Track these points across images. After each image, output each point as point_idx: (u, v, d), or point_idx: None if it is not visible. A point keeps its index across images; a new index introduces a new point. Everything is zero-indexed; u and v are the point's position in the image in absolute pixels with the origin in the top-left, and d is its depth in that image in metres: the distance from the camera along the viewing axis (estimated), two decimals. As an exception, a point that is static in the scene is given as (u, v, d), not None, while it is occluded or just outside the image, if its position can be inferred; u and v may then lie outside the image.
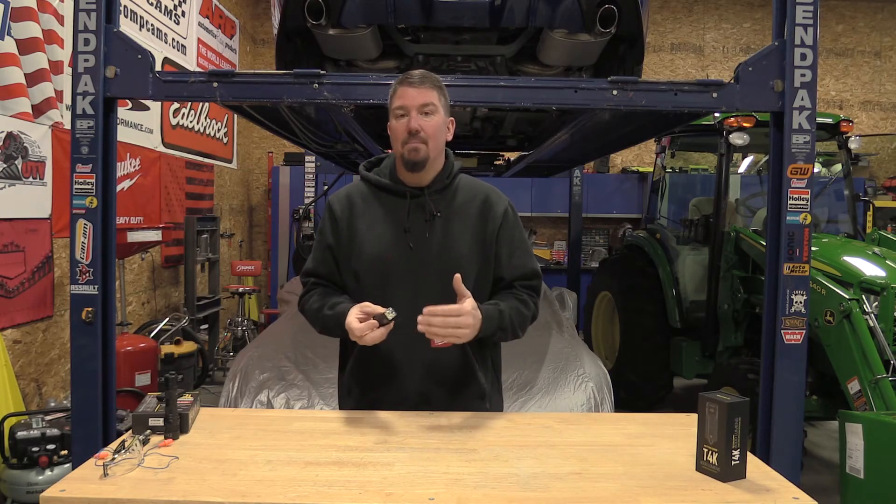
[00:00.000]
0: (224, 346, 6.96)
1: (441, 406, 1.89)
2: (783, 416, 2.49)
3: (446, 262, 1.89)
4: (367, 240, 1.92)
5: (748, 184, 6.02)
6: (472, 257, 1.93)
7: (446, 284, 1.84)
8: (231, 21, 8.17)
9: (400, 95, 1.89)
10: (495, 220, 1.96)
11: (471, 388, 1.96)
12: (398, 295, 1.84)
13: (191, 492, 1.34)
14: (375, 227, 1.93)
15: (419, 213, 1.93)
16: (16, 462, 3.33)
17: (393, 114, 1.91)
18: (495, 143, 5.25)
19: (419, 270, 1.89)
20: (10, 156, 3.99)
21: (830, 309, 3.61)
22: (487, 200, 1.98)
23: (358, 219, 1.95)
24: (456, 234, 1.93)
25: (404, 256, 1.90)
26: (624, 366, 5.53)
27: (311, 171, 7.36)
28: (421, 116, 1.87)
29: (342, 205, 1.98)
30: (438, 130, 1.91)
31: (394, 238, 1.91)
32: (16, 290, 4.08)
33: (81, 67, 2.42)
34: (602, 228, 9.12)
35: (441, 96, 1.92)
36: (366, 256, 1.92)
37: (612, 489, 1.39)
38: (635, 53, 2.99)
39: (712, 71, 9.31)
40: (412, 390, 1.91)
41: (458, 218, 1.94)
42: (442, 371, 1.91)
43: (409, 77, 1.89)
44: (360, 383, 1.97)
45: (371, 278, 1.92)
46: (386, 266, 1.90)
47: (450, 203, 1.96)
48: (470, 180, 2.04)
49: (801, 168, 2.48)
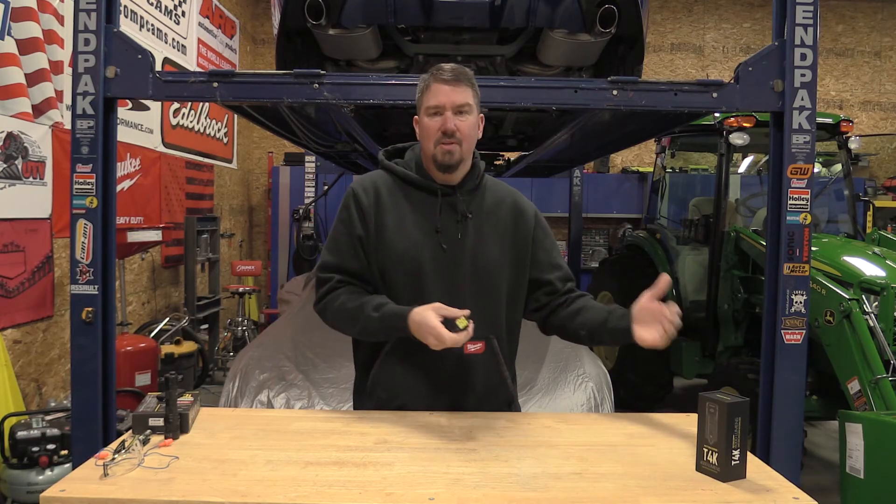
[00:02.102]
0: (224, 346, 6.96)
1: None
2: (783, 416, 2.49)
3: (479, 265, 1.84)
4: (397, 236, 1.83)
5: (748, 184, 6.02)
6: (505, 261, 1.88)
7: (479, 288, 1.82)
8: (231, 21, 8.17)
9: (434, 93, 1.80)
10: (528, 225, 1.92)
11: (500, 394, 1.91)
12: (431, 297, 1.75)
13: (191, 492, 1.34)
14: (405, 224, 1.84)
15: (450, 212, 1.85)
16: (16, 462, 3.33)
17: (425, 111, 1.82)
18: (495, 143, 5.24)
19: (452, 273, 1.82)
20: (11, 156, 3.99)
21: (830, 309, 3.61)
22: (518, 205, 1.94)
23: (385, 212, 1.85)
24: (487, 237, 1.87)
25: (436, 257, 1.82)
26: (624, 366, 5.53)
27: (311, 171, 7.36)
28: (456, 117, 1.79)
29: (369, 195, 1.86)
30: (473, 131, 1.84)
31: (425, 237, 1.83)
32: (16, 290, 4.08)
33: (81, 67, 2.41)
34: (602, 228, 9.12)
35: (475, 94, 1.84)
36: (396, 254, 1.82)
37: (612, 489, 1.39)
38: (635, 53, 2.99)
39: (712, 71, 9.31)
40: (442, 397, 1.85)
41: (489, 220, 1.89)
42: (473, 377, 1.85)
43: (443, 73, 1.80)
44: (386, 389, 1.88)
45: (400, 278, 1.82)
46: (417, 266, 1.81)
47: (480, 204, 1.89)
48: (496, 182, 1.99)
49: (801, 168, 2.48)
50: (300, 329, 3.68)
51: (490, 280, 1.86)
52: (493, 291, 1.87)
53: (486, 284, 1.86)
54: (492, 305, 1.86)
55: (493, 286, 1.87)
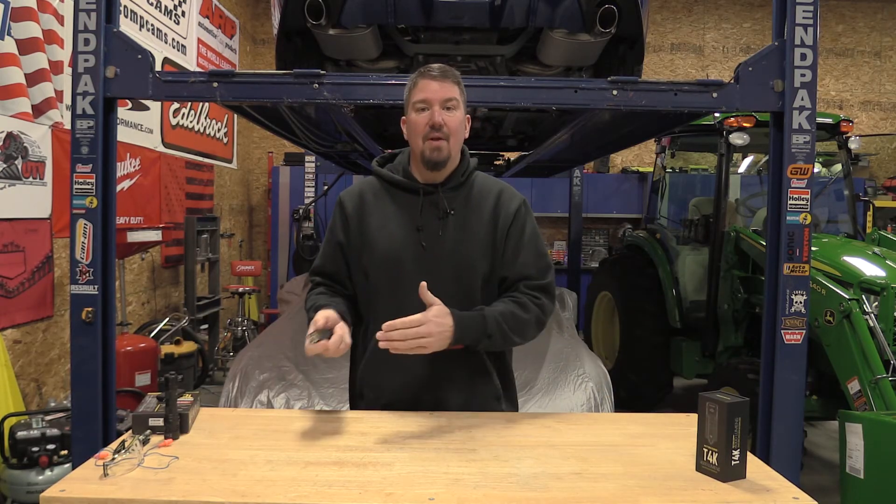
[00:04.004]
0: (224, 346, 6.96)
1: (456, 409, 1.85)
2: (783, 416, 2.49)
3: (458, 261, 1.85)
4: (379, 238, 1.87)
5: (748, 184, 6.02)
6: (483, 257, 1.88)
7: (459, 285, 1.82)
8: (231, 21, 8.17)
9: (421, 88, 1.83)
10: (507, 217, 1.91)
11: (485, 390, 1.92)
12: (410, 295, 1.76)
13: (191, 492, 1.34)
14: (387, 225, 1.88)
15: (432, 210, 1.88)
16: (16, 462, 3.33)
17: (413, 107, 1.84)
18: (495, 143, 5.24)
19: (432, 270, 1.82)
20: (10, 156, 3.99)
21: (830, 309, 3.61)
22: (501, 198, 1.93)
23: (369, 216, 1.90)
24: (469, 233, 1.88)
25: (416, 255, 1.85)
26: (624, 366, 5.53)
27: (311, 171, 7.36)
28: (443, 111, 1.81)
29: (353, 202, 1.93)
30: (459, 126, 1.86)
31: (406, 236, 1.86)
32: (16, 290, 4.08)
33: (81, 67, 2.42)
34: (602, 228, 9.12)
35: (461, 92, 1.87)
36: (377, 255, 1.87)
37: (612, 489, 1.39)
38: (635, 53, 2.99)
39: (712, 71, 9.31)
40: (426, 395, 1.86)
41: (473, 216, 1.89)
42: (454, 374, 1.86)
43: (430, 70, 1.83)
44: (373, 388, 1.92)
45: (382, 277, 1.87)
46: (398, 265, 1.85)
47: (464, 201, 1.90)
48: (485, 178, 1.98)
49: (801, 168, 2.48)
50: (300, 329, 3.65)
51: (470, 275, 1.88)
52: (472, 286, 1.88)
53: (466, 280, 1.87)
54: (473, 300, 1.86)
55: (472, 281, 1.88)
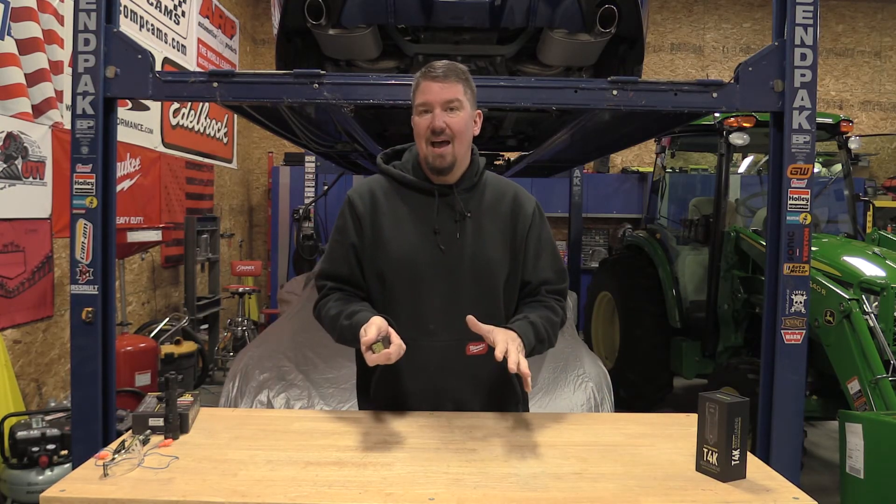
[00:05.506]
0: (224, 346, 6.96)
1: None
2: (783, 416, 2.49)
3: (478, 265, 1.82)
4: (394, 240, 1.81)
5: (748, 184, 6.02)
6: (503, 260, 1.85)
7: (479, 287, 1.80)
8: (231, 21, 8.17)
9: (423, 91, 1.77)
10: (525, 220, 1.88)
11: (507, 394, 1.90)
12: (430, 299, 1.74)
13: (191, 492, 1.34)
14: (402, 227, 1.82)
15: (448, 212, 1.83)
16: (16, 462, 3.33)
17: (415, 110, 1.80)
18: (495, 143, 5.24)
19: (451, 274, 1.79)
20: (10, 156, 3.99)
21: (830, 309, 3.61)
22: (517, 200, 1.90)
23: (382, 216, 1.83)
24: (487, 235, 1.84)
25: (435, 259, 1.80)
26: (624, 366, 5.53)
27: (311, 171, 7.36)
28: (445, 113, 1.76)
29: (364, 201, 1.85)
30: (465, 127, 1.79)
31: (422, 239, 1.81)
32: (16, 290, 4.08)
33: (81, 67, 2.42)
34: (602, 228, 9.12)
35: (467, 89, 1.80)
36: (393, 258, 1.80)
37: (612, 489, 1.39)
38: (635, 53, 2.99)
39: (712, 71, 9.31)
40: (448, 399, 1.84)
41: (488, 218, 1.85)
42: (478, 378, 1.84)
43: (433, 70, 1.77)
44: (394, 390, 1.86)
45: (399, 281, 1.81)
46: (415, 268, 1.79)
47: (479, 202, 1.86)
48: (496, 178, 1.95)
49: (801, 168, 2.48)
50: (300, 329, 3.68)
51: (490, 279, 1.85)
52: (492, 290, 1.85)
53: (486, 284, 1.84)
54: (492, 304, 1.85)
55: (492, 285, 1.85)
